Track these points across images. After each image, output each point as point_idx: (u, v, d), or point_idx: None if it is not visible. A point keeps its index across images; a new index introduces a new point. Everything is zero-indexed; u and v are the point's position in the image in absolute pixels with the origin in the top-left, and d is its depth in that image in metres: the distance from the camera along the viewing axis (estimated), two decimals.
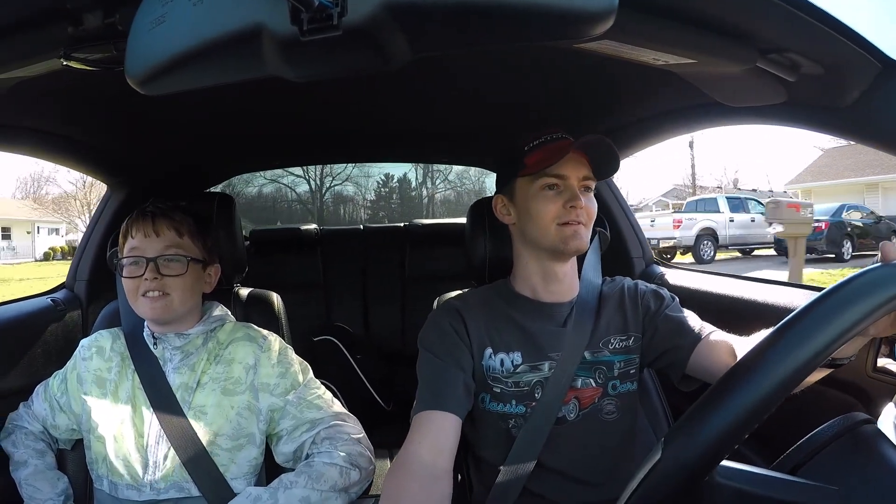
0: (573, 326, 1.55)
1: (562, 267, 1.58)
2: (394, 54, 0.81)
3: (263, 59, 0.80)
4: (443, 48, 0.87)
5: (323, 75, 0.87)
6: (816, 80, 1.12)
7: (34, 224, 42.85)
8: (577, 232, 1.50)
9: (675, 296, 1.65)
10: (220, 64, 0.83)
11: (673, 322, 1.56)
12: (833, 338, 0.75)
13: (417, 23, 0.76)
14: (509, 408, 1.53)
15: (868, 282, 0.79)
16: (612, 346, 1.56)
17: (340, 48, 0.78)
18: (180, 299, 1.57)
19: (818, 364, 0.77)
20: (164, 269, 1.55)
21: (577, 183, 1.51)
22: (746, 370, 0.78)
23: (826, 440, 0.83)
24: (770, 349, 0.78)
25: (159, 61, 0.82)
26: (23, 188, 49.96)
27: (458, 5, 0.73)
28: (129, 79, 0.87)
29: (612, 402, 1.55)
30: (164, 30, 0.80)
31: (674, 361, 1.53)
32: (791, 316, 0.80)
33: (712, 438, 0.75)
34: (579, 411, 1.53)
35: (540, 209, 1.51)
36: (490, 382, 1.53)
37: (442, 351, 1.52)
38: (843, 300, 0.78)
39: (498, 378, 1.53)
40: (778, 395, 0.75)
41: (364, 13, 0.72)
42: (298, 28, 0.73)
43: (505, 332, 1.56)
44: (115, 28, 0.97)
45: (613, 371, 1.55)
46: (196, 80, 0.87)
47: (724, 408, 0.76)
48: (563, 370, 1.51)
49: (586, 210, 1.51)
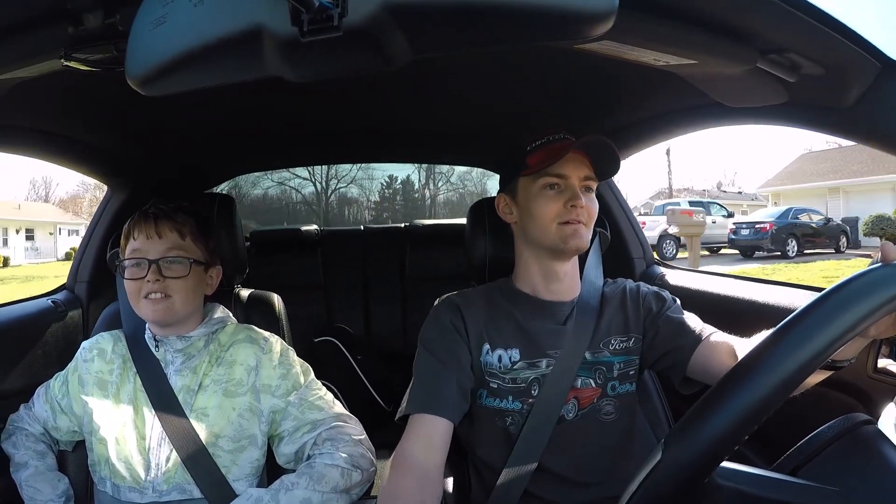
0: (574, 326, 1.56)
1: (562, 266, 1.58)
2: (394, 55, 0.81)
3: (264, 60, 0.80)
4: (443, 49, 0.87)
5: (323, 76, 0.87)
6: (817, 80, 1.12)
7: (56, 225, 44.31)
8: (577, 231, 1.50)
9: (677, 298, 1.65)
10: (220, 65, 0.83)
11: (674, 323, 1.56)
12: (832, 339, 0.75)
13: (418, 23, 0.76)
14: (506, 404, 1.53)
15: (868, 282, 0.78)
16: (613, 346, 1.56)
17: (341, 49, 0.78)
18: (182, 301, 1.57)
19: (818, 366, 0.76)
20: (166, 271, 1.55)
21: (578, 183, 1.51)
22: (746, 372, 0.77)
23: (826, 441, 0.83)
24: (770, 351, 0.78)
25: (160, 62, 0.82)
26: (34, 191, 50.73)
27: (458, 6, 0.73)
28: (130, 79, 0.87)
29: (610, 402, 1.55)
30: (164, 30, 0.80)
31: (675, 363, 1.53)
32: (790, 317, 0.79)
33: (712, 440, 0.75)
34: (578, 411, 1.53)
35: (541, 208, 1.52)
36: (487, 378, 1.54)
37: (441, 349, 1.53)
38: (842, 301, 0.77)
39: (495, 374, 1.53)
40: (778, 396, 0.75)
41: (364, 14, 0.72)
42: (299, 29, 0.73)
43: (504, 328, 1.56)
44: (116, 28, 0.97)
45: (613, 372, 1.56)
46: (196, 81, 0.87)
47: (723, 409, 0.76)
48: (563, 369, 1.51)
49: (587, 210, 1.51)
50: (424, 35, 0.80)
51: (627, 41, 1.05)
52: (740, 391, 0.76)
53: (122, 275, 1.58)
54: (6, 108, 1.43)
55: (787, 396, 0.76)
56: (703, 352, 1.48)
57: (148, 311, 1.55)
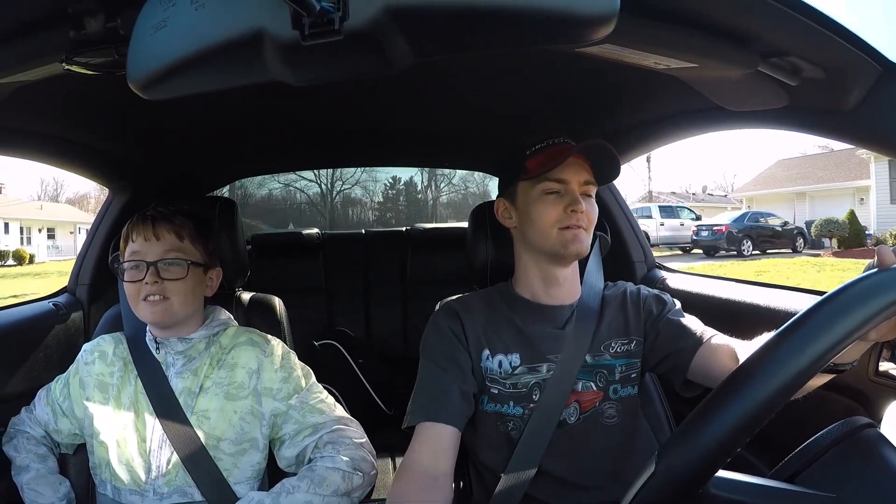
0: (574, 329, 1.55)
1: (562, 271, 1.58)
2: (395, 58, 0.81)
3: (265, 64, 0.80)
4: (444, 52, 0.87)
5: (324, 79, 0.87)
6: (818, 83, 1.13)
7: (76, 225, 46.05)
8: (577, 236, 1.50)
9: (677, 301, 1.65)
10: (221, 68, 0.83)
11: (674, 325, 1.55)
12: (830, 346, 0.75)
13: (419, 27, 0.76)
14: (507, 409, 1.53)
15: (866, 287, 0.78)
16: (614, 349, 1.56)
17: (342, 52, 0.78)
18: (181, 303, 1.57)
19: (815, 372, 0.76)
20: (164, 273, 1.55)
21: (578, 187, 1.51)
22: (739, 383, 0.77)
23: (826, 446, 0.83)
24: (764, 360, 0.77)
25: (161, 66, 0.82)
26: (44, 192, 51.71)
27: (459, 9, 0.73)
28: (131, 83, 0.87)
29: (612, 406, 1.55)
30: (165, 34, 0.80)
31: (676, 365, 1.53)
32: (790, 323, 0.79)
33: (705, 451, 0.75)
34: (580, 415, 1.53)
35: (541, 213, 1.52)
36: (488, 384, 1.54)
37: (441, 357, 1.53)
38: (842, 305, 0.77)
39: (496, 379, 1.53)
40: (772, 406, 0.75)
41: (365, 17, 0.72)
42: (300, 32, 0.73)
43: (504, 333, 1.56)
44: (117, 32, 0.97)
45: (615, 375, 1.55)
46: (198, 85, 0.87)
47: (716, 421, 0.75)
48: (563, 373, 1.51)
49: (587, 214, 1.51)
50: (425, 38, 0.80)
51: (628, 44, 1.05)
52: (733, 403, 0.75)
53: (122, 277, 1.58)
54: (8, 111, 1.44)
55: (781, 407, 0.75)
56: (704, 354, 1.47)
57: (147, 313, 1.55)
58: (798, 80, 1.13)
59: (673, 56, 1.11)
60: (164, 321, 1.57)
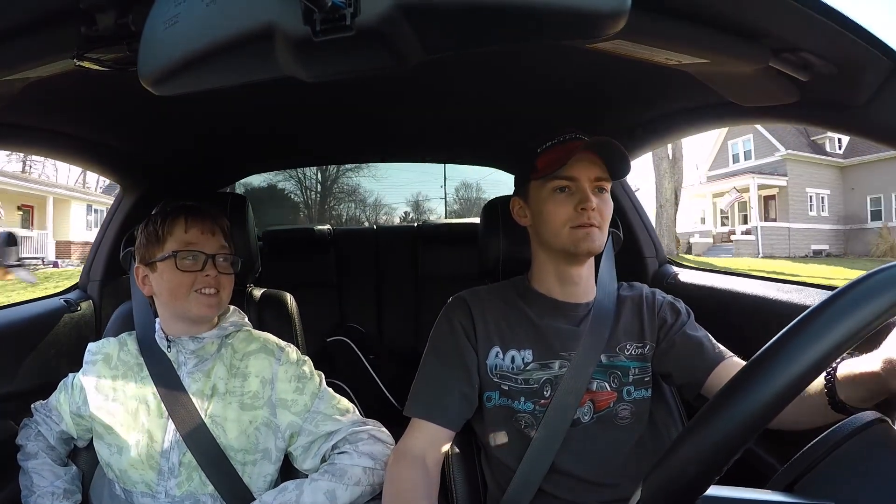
0: (590, 328, 1.55)
1: (578, 270, 1.58)
2: (407, 54, 0.81)
3: (276, 60, 0.80)
4: (456, 48, 0.87)
5: (336, 76, 0.87)
6: (829, 79, 1.12)
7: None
8: (589, 234, 1.50)
9: (691, 310, 1.66)
10: (233, 64, 0.83)
11: (692, 342, 1.55)
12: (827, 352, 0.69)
13: (430, 22, 0.76)
14: (518, 405, 1.53)
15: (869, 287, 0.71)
16: (629, 351, 1.57)
17: (353, 48, 0.78)
18: (227, 298, 1.61)
19: (797, 392, 0.70)
20: (220, 267, 1.58)
21: (589, 184, 1.51)
22: (717, 406, 0.72)
23: (833, 445, 0.79)
24: (748, 377, 0.72)
25: (172, 62, 0.82)
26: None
27: (470, 5, 0.73)
28: (142, 79, 0.87)
29: (626, 407, 1.55)
30: (177, 30, 0.80)
31: (689, 382, 1.53)
32: (788, 328, 0.72)
33: (690, 474, 0.72)
34: (594, 414, 1.53)
35: (551, 212, 1.52)
36: (497, 380, 1.54)
37: (447, 352, 1.55)
38: (842, 308, 0.70)
39: (507, 375, 1.54)
40: (755, 426, 0.70)
41: (377, 13, 0.72)
42: (311, 28, 0.73)
43: (517, 328, 1.57)
44: (128, 28, 0.97)
45: (629, 377, 1.56)
46: (209, 81, 0.87)
47: (698, 443, 0.72)
48: (579, 370, 1.51)
49: (599, 211, 1.51)
50: (437, 34, 0.80)
51: (639, 40, 1.05)
52: (713, 425, 0.71)
53: (174, 266, 1.55)
54: (20, 107, 1.44)
55: (767, 423, 0.70)
56: (719, 374, 1.47)
57: (199, 305, 1.56)
58: (809, 75, 1.13)
59: (684, 52, 1.11)
60: (212, 314, 1.60)
